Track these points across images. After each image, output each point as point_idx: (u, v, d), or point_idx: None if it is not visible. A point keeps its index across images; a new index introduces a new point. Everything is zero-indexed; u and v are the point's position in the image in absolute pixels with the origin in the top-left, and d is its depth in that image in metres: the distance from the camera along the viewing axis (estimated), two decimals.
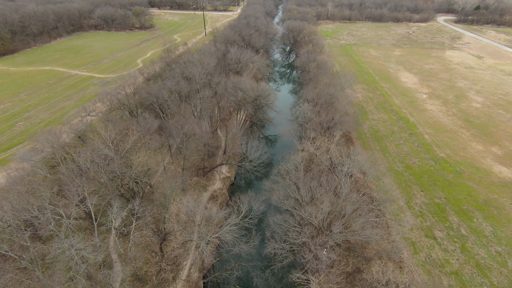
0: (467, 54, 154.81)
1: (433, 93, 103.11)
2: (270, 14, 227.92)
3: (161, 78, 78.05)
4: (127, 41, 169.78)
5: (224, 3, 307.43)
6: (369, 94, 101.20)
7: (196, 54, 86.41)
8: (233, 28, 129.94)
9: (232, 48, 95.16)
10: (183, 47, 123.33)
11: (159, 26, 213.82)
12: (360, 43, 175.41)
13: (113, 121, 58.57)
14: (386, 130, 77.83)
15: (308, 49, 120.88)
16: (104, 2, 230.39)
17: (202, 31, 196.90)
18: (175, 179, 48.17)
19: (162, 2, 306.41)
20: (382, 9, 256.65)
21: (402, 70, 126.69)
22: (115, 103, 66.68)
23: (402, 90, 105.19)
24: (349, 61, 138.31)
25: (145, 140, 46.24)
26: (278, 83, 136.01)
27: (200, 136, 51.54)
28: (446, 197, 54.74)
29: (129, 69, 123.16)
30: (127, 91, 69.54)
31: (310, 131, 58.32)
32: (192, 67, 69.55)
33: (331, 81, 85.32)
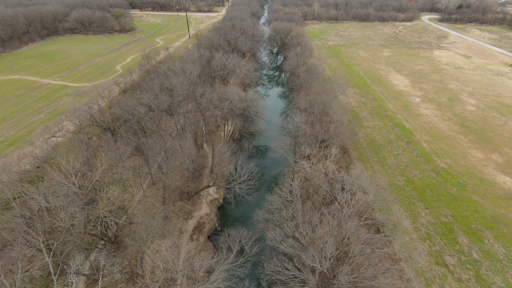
0: (455, 53, 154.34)
1: (426, 96, 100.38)
2: (255, 14, 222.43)
3: (139, 88, 71.21)
4: (105, 46, 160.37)
5: (209, 4, 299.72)
6: (361, 99, 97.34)
7: (178, 61, 79.83)
8: (217, 31, 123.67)
9: (217, 53, 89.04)
10: (165, 52, 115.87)
11: (141, 28, 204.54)
12: (348, 44, 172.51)
13: (83, 142, 51.60)
14: (383, 139, 73.81)
15: (297, 51, 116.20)
16: (81, 4, 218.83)
17: (186, 33, 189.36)
18: (154, 213, 41.93)
19: (144, 3, 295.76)
20: (368, 9, 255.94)
21: (392, 72, 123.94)
22: (86, 120, 59.48)
23: (394, 93, 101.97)
24: (338, 63, 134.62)
25: (116, 170, 39.88)
26: (267, 87, 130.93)
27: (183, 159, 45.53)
28: (452, 215, 50.81)
29: (108, 77, 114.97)
30: (100, 105, 62.42)
31: (305, 146, 53.20)
32: (173, 77, 63.13)
33: (323, 88, 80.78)
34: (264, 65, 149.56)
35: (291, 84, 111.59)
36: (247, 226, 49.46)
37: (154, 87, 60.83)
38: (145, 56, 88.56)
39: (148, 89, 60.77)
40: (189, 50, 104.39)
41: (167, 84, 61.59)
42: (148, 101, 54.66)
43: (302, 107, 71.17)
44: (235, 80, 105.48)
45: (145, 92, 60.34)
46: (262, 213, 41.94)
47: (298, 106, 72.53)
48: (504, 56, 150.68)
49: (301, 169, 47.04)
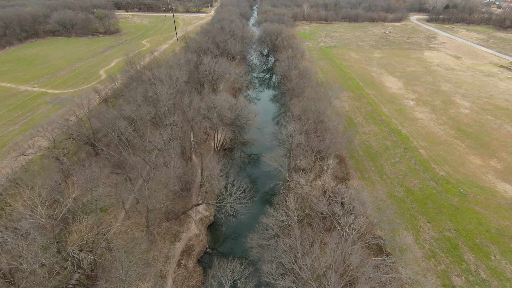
0: (445, 54, 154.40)
1: (420, 99, 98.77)
2: (245, 15, 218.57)
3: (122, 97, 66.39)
4: (88, 49, 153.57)
5: (197, 4, 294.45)
6: (355, 103, 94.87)
7: (163, 67, 75.25)
8: (206, 33, 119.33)
9: (205, 58, 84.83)
10: (150, 56, 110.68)
11: (126, 30, 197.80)
12: (339, 45, 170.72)
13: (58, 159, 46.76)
14: (379, 146, 71.23)
15: (288, 54, 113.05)
16: (62, 5, 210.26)
17: (173, 35, 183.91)
18: (135, 244, 37.62)
19: (130, 4, 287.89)
20: (357, 9, 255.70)
21: (385, 74, 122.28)
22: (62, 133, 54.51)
23: (388, 96, 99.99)
24: (330, 65, 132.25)
25: (92, 196, 35.41)
26: (258, 90, 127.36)
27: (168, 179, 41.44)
28: (456, 229, 48.35)
29: (90, 82, 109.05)
30: (79, 116, 57.49)
31: (300, 159, 49.79)
32: (158, 85, 58.71)
33: (317, 93, 77.71)
34: (255, 67, 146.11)
35: (283, 88, 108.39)
36: (240, 248, 45.71)
37: (137, 96, 56.24)
38: (129, 61, 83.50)
39: (130, 99, 56.22)
40: (176, 54, 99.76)
41: (151, 93, 57.14)
42: (130, 113, 50.16)
43: (296, 114, 67.84)
44: (225, 84, 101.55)
45: (127, 102, 55.74)
46: (257, 238, 38.27)
47: (292, 113, 69.16)
48: (493, 56, 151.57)
49: (297, 186, 43.63)
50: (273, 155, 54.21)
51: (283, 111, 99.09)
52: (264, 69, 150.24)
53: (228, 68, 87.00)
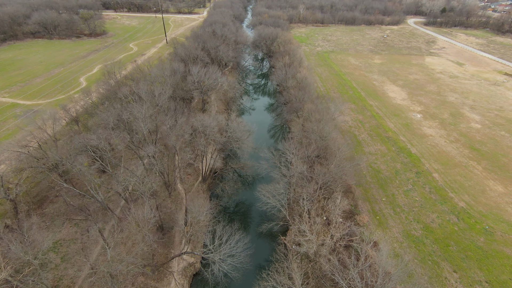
0: (447, 60, 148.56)
1: (427, 111, 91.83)
2: (238, 17, 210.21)
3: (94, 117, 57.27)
4: (71, 52, 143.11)
5: (189, 5, 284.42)
6: (358, 116, 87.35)
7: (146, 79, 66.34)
8: (196, 38, 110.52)
9: (194, 67, 76.17)
10: (132, 64, 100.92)
11: (113, 32, 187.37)
12: (337, 49, 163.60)
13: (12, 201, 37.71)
14: (389, 169, 63.65)
15: (285, 61, 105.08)
16: (45, 5, 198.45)
17: (163, 38, 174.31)
18: None
19: (119, 4, 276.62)
20: (354, 12, 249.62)
21: (387, 82, 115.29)
22: (19, 162, 45.36)
23: (393, 109, 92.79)
24: (329, 72, 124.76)
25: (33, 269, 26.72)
26: (252, 97, 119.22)
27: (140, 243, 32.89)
28: (487, 280, 40.87)
29: (68, 92, 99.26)
30: (39, 141, 48.34)
31: (303, 199, 41.68)
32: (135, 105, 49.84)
33: (318, 109, 69.80)
34: (249, 73, 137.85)
35: (279, 99, 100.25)
36: None
37: (109, 119, 47.37)
38: (106, 72, 74.18)
39: (101, 123, 47.40)
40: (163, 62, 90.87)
41: (126, 114, 48.33)
42: (98, 142, 41.25)
43: (296, 136, 59.77)
44: (216, 95, 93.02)
45: (98, 125, 46.85)
46: None
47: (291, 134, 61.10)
48: (496, 63, 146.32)
49: (301, 241, 35.57)
50: (270, 189, 45.98)
51: (279, 123, 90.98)
52: (259, 74, 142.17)
53: (220, 79, 78.50)
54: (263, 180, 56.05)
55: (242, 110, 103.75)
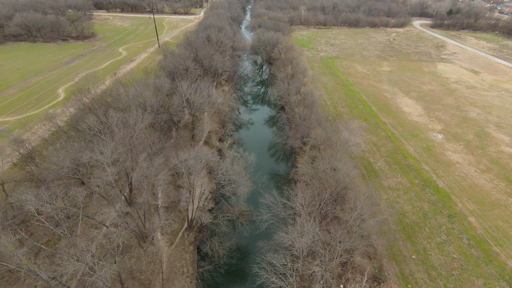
0: (460, 68, 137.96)
1: (448, 130, 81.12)
2: (237, 19, 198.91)
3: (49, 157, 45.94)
4: (53, 58, 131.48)
5: (185, 5, 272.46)
6: (372, 137, 76.46)
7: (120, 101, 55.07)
8: (188, 45, 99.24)
9: (183, 83, 64.98)
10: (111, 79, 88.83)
11: (103, 34, 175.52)
12: (342, 55, 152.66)
13: None
14: (415, 211, 52.85)
15: (287, 72, 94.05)
16: (30, 6, 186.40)
17: (155, 41, 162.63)
18: None
19: (112, 4, 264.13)
20: (357, 13, 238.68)
21: (399, 94, 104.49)
22: None
23: (410, 127, 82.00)
24: (335, 82, 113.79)
25: None
26: (250, 108, 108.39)
27: None
28: None
29: (42, 106, 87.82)
30: None
31: (317, 276, 30.77)
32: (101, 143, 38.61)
33: (329, 136, 58.85)
34: (247, 80, 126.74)
35: (282, 117, 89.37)
36: None
37: (64, 162, 36.23)
38: (77, 90, 62.75)
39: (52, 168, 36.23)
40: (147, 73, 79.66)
41: (86, 157, 37.08)
42: (38, 206, 30.00)
43: (303, 174, 48.81)
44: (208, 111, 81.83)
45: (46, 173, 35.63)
46: None
47: (298, 176, 50.15)
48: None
49: None
50: (272, 259, 34.97)
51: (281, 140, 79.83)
52: (258, 81, 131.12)
53: (213, 96, 67.43)
54: (263, 235, 44.73)
55: (240, 124, 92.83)
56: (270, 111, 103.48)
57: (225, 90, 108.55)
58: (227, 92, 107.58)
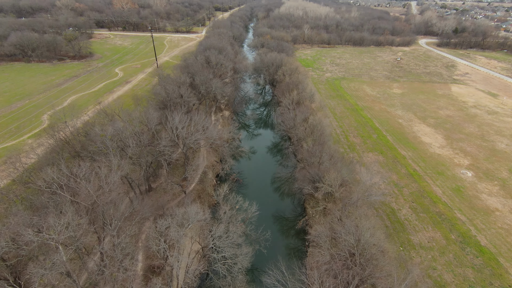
0: (476, 90, 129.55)
1: (477, 166, 71.19)
2: (239, 38, 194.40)
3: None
4: (45, 79, 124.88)
5: (188, 24, 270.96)
6: (391, 175, 66.57)
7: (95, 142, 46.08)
8: (185, 68, 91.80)
9: (175, 114, 56.30)
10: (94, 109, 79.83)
11: (101, 54, 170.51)
12: (348, 76, 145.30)
13: None
14: (457, 282, 42.15)
15: (293, 97, 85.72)
16: (28, 25, 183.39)
17: (154, 61, 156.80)
18: None
19: (114, 23, 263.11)
20: (362, 32, 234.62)
21: (415, 121, 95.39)
22: None
23: (433, 162, 72.17)
24: (344, 106, 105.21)
25: None
26: (252, 133, 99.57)
27: None
28: None
29: (22, 135, 79.42)
30: None
31: None
32: (55, 215, 29.14)
33: (344, 180, 49.21)
34: (249, 101, 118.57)
35: (286, 148, 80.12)
36: None
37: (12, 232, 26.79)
38: (50, 127, 54.05)
39: None
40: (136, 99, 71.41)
41: (38, 226, 27.64)
42: None
43: (318, 236, 38.72)
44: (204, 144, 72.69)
45: None
46: None
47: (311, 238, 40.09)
48: None
49: None
50: None
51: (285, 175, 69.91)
52: (261, 102, 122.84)
53: (209, 130, 58.54)
54: None
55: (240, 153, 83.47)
56: (273, 137, 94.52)
57: (225, 115, 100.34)
58: (227, 117, 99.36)
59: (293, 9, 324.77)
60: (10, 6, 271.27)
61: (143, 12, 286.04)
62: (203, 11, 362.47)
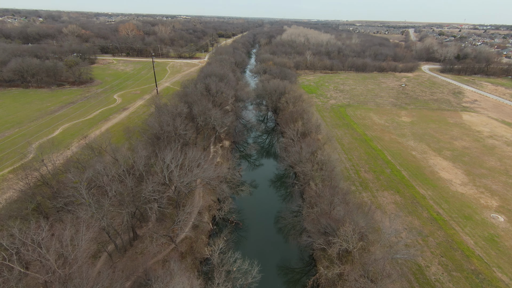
0: (488, 118, 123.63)
1: (508, 208, 63.00)
2: (241, 64, 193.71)
3: None
4: (40, 106, 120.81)
5: (191, 50, 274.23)
6: (412, 220, 58.37)
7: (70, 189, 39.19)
8: (185, 96, 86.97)
9: (167, 152, 49.72)
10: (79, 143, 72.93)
11: (101, 79, 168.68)
12: (353, 102, 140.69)
13: None
14: None
15: (297, 128, 79.52)
16: (31, 51, 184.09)
17: (155, 87, 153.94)
18: None
19: (118, 49, 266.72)
20: (364, 58, 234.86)
21: (430, 153, 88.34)
22: None
23: (457, 204, 64.10)
24: (351, 137, 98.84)
25: None
26: (253, 163, 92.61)
27: None
28: None
29: (3, 169, 72.96)
30: None
31: None
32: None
33: (361, 229, 41.33)
34: (251, 128, 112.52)
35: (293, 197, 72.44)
36: None
37: None
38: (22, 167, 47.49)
39: None
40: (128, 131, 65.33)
41: None
42: None
43: None
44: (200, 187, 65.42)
45: None
46: None
47: None
48: None
49: None
50: None
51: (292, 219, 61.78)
52: (263, 129, 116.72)
53: (206, 170, 51.63)
54: None
55: (241, 187, 75.74)
56: (276, 168, 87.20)
57: (225, 145, 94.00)
58: (227, 148, 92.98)
59: (295, 36, 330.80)
60: (18, 32, 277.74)
61: (148, 38, 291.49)
62: (207, 37, 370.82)
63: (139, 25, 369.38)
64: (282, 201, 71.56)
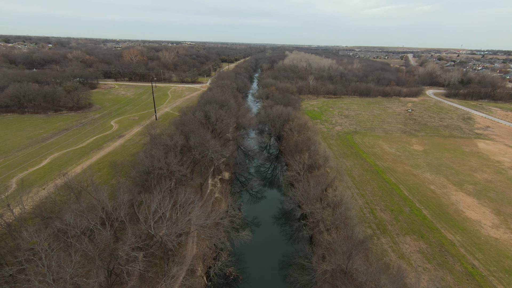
0: (506, 146, 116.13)
1: None
2: (243, 89, 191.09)
3: None
4: (32, 133, 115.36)
5: (193, 74, 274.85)
6: (444, 275, 49.01)
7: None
8: (181, 125, 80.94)
9: (155, 196, 42.26)
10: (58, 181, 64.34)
11: (100, 104, 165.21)
12: (360, 129, 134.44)
13: None
14: None
15: (304, 161, 72.19)
16: (31, 76, 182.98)
17: (154, 112, 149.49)
18: None
19: (120, 73, 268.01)
20: (366, 83, 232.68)
21: (450, 188, 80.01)
22: None
23: (493, 253, 54.96)
24: (362, 168, 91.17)
25: None
26: (255, 196, 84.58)
27: None
28: None
29: None
30: None
31: None
32: None
33: None
34: (252, 157, 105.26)
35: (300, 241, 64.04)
36: None
37: None
38: None
39: None
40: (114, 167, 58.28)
41: None
42: None
43: None
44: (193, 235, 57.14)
45: None
46: None
47: None
48: None
49: None
50: None
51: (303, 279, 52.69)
52: (266, 157, 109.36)
53: (199, 221, 43.82)
54: None
55: (241, 225, 67.05)
56: (280, 202, 78.79)
57: (224, 177, 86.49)
58: (227, 180, 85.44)
59: (297, 61, 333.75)
60: (23, 58, 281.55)
61: (151, 63, 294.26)
62: (210, 62, 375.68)
63: (144, 50, 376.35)
64: (287, 242, 63.06)
